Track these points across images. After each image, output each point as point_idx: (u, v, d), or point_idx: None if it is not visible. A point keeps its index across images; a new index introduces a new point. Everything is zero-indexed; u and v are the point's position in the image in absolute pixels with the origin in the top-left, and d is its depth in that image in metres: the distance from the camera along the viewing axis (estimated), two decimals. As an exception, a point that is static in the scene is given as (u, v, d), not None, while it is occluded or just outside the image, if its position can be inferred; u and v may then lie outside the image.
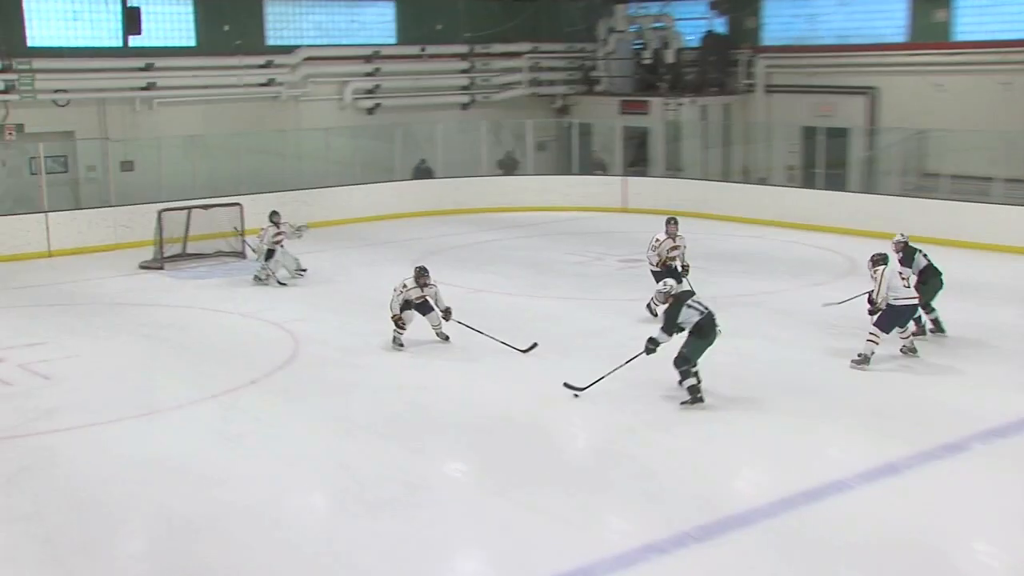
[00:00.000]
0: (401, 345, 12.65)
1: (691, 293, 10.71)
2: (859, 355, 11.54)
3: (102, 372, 11.91)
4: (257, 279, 16.47)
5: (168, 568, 7.34)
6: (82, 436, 9.83)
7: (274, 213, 16.79)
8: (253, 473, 8.90)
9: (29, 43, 21.60)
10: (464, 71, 27.28)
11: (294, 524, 8.00)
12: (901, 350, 11.87)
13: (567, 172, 25.63)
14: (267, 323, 13.97)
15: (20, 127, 21.53)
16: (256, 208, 19.05)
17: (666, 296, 10.57)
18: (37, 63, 21.39)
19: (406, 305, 12.67)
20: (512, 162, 26.32)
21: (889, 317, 11.48)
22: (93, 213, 20.13)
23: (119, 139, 22.25)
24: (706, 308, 10.36)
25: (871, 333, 11.52)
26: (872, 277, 11.59)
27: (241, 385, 11.23)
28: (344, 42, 25.72)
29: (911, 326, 11.91)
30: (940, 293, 12.59)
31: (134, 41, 22.53)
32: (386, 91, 26.11)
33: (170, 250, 18.31)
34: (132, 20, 21.95)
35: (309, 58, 24.88)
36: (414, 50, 26.37)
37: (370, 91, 25.98)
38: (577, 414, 10.35)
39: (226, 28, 23.68)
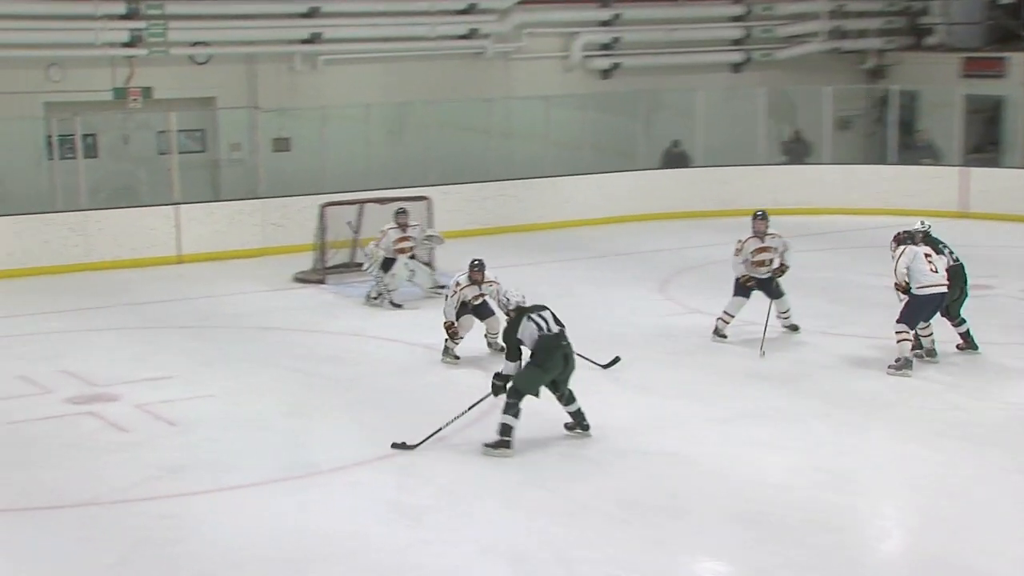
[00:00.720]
0: (456, 358, 13.62)
1: (540, 307, 11.42)
2: (896, 360, 13.21)
3: (242, 418, 12.38)
4: (369, 298, 16.83)
5: None
6: (215, 502, 10.22)
7: (400, 212, 17.05)
8: (437, 563, 9.03)
9: (164, -18, 22.82)
10: (737, 18, 27.14)
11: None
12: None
13: (880, 160, 25.11)
14: (461, 360, 14.23)
15: (148, 91, 22.68)
16: (448, 204, 19.47)
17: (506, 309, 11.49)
18: (171, 7, 22.49)
19: (463, 308, 13.49)
20: (802, 145, 25.94)
21: (912, 308, 13.20)
22: (236, 206, 21.06)
23: (272, 109, 23.10)
24: (554, 326, 11.14)
25: (897, 331, 13.21)
26: (892, 256, 13.38)
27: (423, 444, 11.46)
28: (573, -22, 25.97)
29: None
30: (965, 303, 13.96)
31: (295, -22, 23.43)
32: (628, 46, 26.19)
33: (334, 258, 18.94)
34: (294, -49, 22.84)
35: (525, 0, 25.14)
36: (670, -13, 26.42)
37: (606, 46, 26.13)
38: (886, 498, 10.08)
39: (418, -39, 24.31)
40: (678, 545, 9.40)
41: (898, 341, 13.21)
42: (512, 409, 11.06)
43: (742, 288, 14.82)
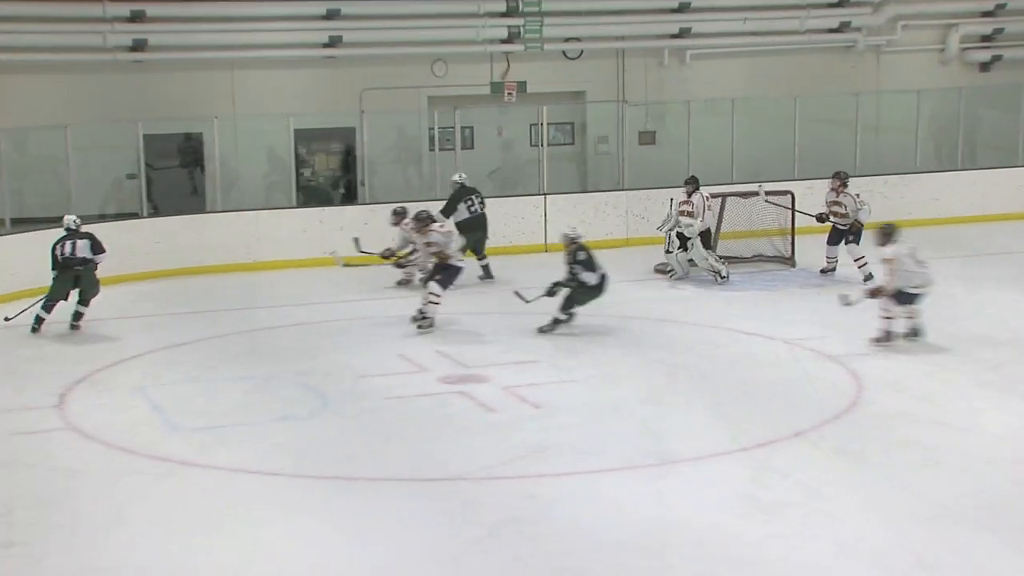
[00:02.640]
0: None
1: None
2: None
3: (602, 404, 12.55)
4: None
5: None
6: (575, 485, 10.40)
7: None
8: (791, 558, 8.92)
9: (541, -21, 23.40)
10: None
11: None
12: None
13: None
14: (820, 355, 14.02)
15: (522, 85, 23.32)
16: (812, 200, 19.17)
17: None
18: (547, 4, 23.06)
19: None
20: None
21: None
22: (601, 197, 21.42)
23: (638, 103, 23.38)
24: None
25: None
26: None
27: (781, 437, 11.33)
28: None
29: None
30: None
31: (667, -26, 23.58)
32: (1010, 37, 25.19)
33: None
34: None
35: (900, -8, 24.60)
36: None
37: (987, 37, 25.20)
38: None
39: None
40: (1048, 556, 8.98)
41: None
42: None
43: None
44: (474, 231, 18.58)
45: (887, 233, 14.27)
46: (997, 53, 25.27)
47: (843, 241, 17.87)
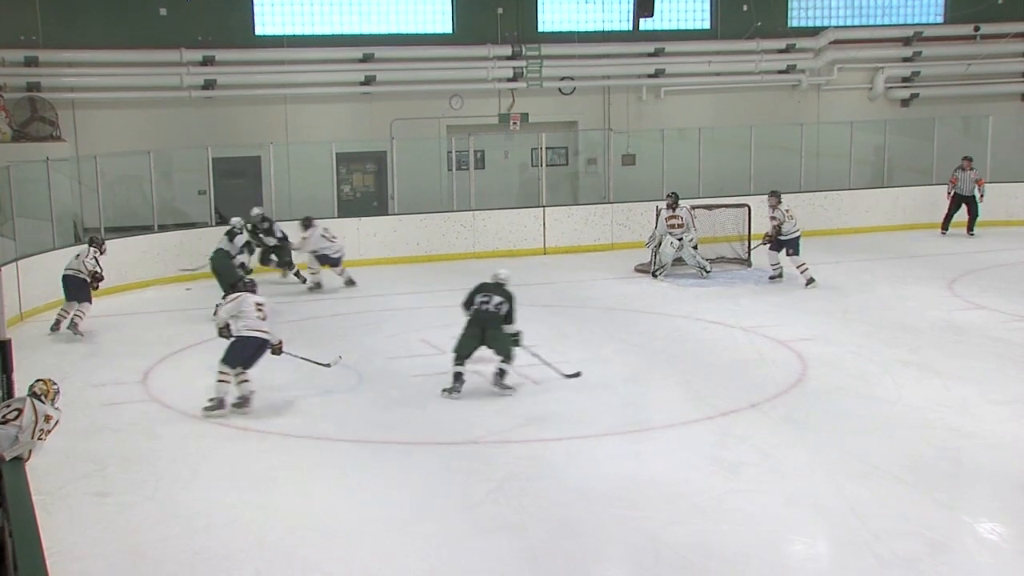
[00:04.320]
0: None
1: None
2: None
3: (592, 381, 12.47)
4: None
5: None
6: (569, 448, 10.38)
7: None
8: (748, 508, 8.89)
9: (539, 28, 23.40)
10: (1026, 54, 25.54)
11: (785, 573, 7.93)
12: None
13: None
14: (772, 340, 13.96)
15: (525, 116, 23.41)
16: (765, 211, 19.09)
17: None
18: (546, 49, 23.13)
19: None
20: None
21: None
22: (590, 209, 21.36)
23: (621, 131, 23.42)
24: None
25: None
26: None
27: (740, 408, 11.30)
28: (879, 22, 25.11)
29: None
30: None
31: (645, 24, 23.59)
32: (926, 79, 25.14)
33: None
34: (645, 1, 22.93)
35: (836, 41, 24.70)
36: (966, 30, 25.08)
37: (907, 79, 25.16)
38: None
39: (745, 8, 24.06)
40: (961, 507, 8.95)
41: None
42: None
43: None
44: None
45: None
46: (915, 91, 25.21)
47: (782, 249, 17.24)
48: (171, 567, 8.07)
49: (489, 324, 11.92)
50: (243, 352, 11.49)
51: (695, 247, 17.96)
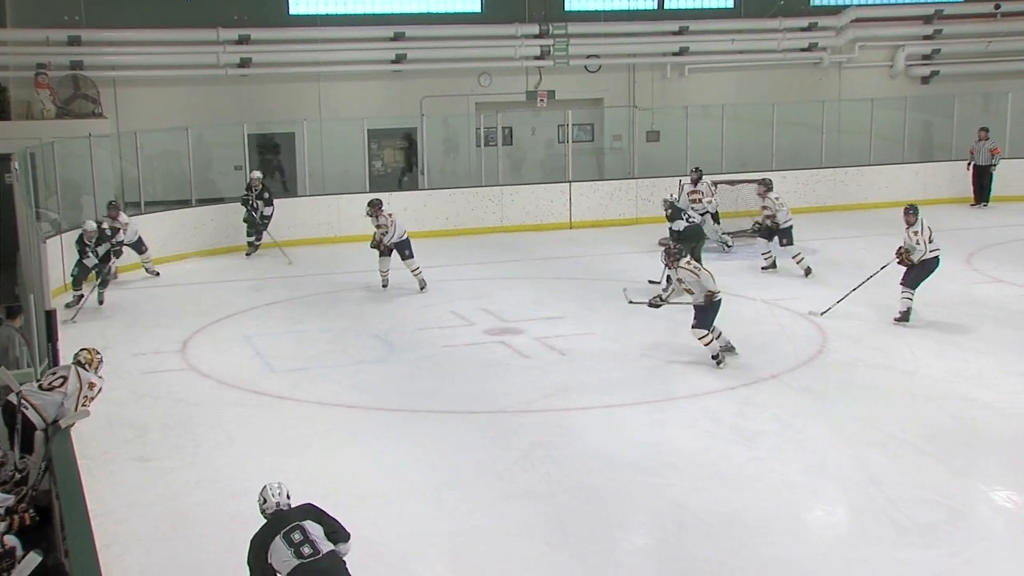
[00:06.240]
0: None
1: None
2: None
3: (616, 352, 12.50)
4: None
5: (677, 571, 7.53)
6: (595, 417, 10.40)
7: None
8: (768, 477, 8.89)
9: (566, 7, 23.29)
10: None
11: (805, 539, 7.92)
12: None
13: None
14: (792, 313, 13.91)
15: (552, 94, 23.34)
16: (786, 186, 19.07)
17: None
18: (572, 28, 23.02)
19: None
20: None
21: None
22: (615, 185, 21.27)
23: (646, 107, 23.32)
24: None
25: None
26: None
27: (761, 379, 11.28)
28: (900, 0, 24.85)
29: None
30: None
31: (669, 3, 23.54)
32: (946, 56, 24.87)
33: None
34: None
35: (858, 19, 24.46)
36: (987, 8, 24.81)
37: (927, 56, 24.89)
38: None
39: (769, -13, 23.86)
40: (978, 475, 8.94)
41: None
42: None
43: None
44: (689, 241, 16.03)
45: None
46: (935, 69, 24.97)
47: (774, 238, 16.21)
48: (209, 529, 8.15)
49: None
50: None
51: (717, 221, 17.87)
